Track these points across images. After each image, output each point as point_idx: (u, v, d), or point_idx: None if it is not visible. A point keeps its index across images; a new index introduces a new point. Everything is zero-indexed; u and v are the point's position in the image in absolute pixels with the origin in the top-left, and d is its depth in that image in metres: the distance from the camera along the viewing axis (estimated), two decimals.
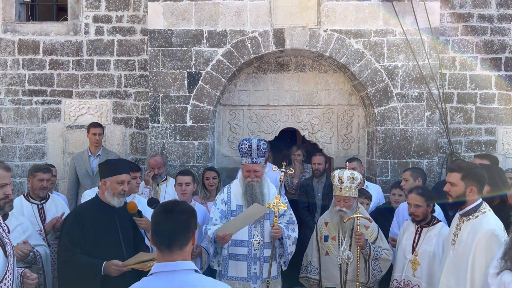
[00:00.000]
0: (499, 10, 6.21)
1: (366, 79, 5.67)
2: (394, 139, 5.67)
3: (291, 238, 3.87)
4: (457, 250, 3.02)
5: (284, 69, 6.15)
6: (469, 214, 3.03)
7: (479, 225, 2.93)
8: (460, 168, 3.05)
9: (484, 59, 6.22)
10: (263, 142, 3.87)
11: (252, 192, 3.76)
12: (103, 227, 3.21)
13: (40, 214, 4.04)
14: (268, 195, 3.84)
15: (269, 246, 3.81)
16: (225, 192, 3.94)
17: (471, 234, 2.94)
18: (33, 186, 4.07)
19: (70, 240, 3.09)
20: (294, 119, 6.24)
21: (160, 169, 4.99)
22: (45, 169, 4.18)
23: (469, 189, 2.99)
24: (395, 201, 4.71)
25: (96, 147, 5.66)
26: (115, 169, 3.32)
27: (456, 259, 3.02)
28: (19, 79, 6.30)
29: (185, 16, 5.64)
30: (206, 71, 5.67)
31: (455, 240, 3.06)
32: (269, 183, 3.98)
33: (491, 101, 6.22)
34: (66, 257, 3.06)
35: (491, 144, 6.23)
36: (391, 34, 5.64)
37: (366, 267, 3.80)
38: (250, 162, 3.80)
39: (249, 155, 3.79)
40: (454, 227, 3.13)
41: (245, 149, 3.80)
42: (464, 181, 3.00)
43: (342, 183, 3.76)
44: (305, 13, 5.64)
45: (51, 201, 4.20)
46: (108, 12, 6.28)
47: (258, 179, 3.79)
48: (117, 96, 6.31)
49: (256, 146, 3.79)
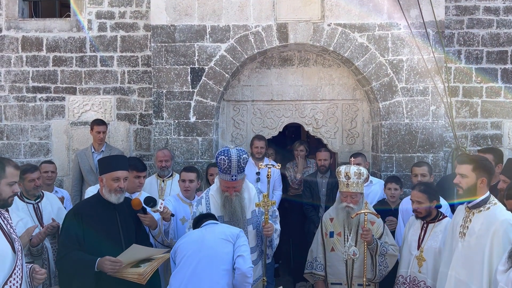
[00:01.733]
0: (505, 3, 6.13)
1: (371, 74, 5.63)
2: (399, 133, 5.64)
3: (277, 232, 3.74)
4: (468, 242, 3.01)
5: (288, 64, 6.12)
6: (480, 206, 3.04)
7: (494, 216, 2.94)
8: (471, 160, 3.10)
9: (490, 52, 6.15)
10: (245, 156, 3.48)
11: (230, 206, 3.51)
12: (103, 223, 3.20)
13: (36, 213, 3.98)
14: (248, 200, 3.61)
15: (253, 250, 3.60)
16: (203, 204, 3.63)
17: (485, 225, 2.94)
18: (26, 188, 3.95)
19: (68, 237, 3.09)
20: (298, 114, 6.21)
21: (168, 162, 4.99)
22: (31, 169, 4.05)
23: (480, 180, 3.03)
24: (391, 195, 4.67)
25: (100, 143, 5.67)
26: (110, 166, 3.28)
27: (468, 251, 3.00)
28: (22, 76, 6.30)
29: (188, 12, 5.61)
30: (209, 66, 5.64)
31: (464, 232, 3.05)
32: (248, 186, 3.70)
33: (497, 94, 6.17)
34: (63, 254, 3.07)
35: (497, 138, 6.18)
36: (396, 28, 5.59)
37: (372, 263, 3.78)
38: (229, 179, 3.46)
39: (228, 172, 3.43)
40: (462, 220, 3.13)
41: (224, 165, 3.41)
42: (476, 172, 3.03)
43: (349, 179, 3.74)
44: (308, 7, 5.59)
45: (46, 200, 4.11)
46: (111, 8, 6.26)
47: (237, 193, 3.51)
48: (121, 92, 6.31)
49: (236, 164, 3.39)
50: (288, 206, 6.19)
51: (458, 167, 3.13)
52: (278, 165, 4.15)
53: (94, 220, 3.17)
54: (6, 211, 2.67)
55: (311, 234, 4.78)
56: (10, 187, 2.56)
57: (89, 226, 3.13)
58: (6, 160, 2.60)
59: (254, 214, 3.66)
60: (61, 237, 3.19)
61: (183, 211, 4.22)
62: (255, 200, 3.67)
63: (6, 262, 2.45)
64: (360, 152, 5.60)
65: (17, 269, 2.48)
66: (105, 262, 2.96)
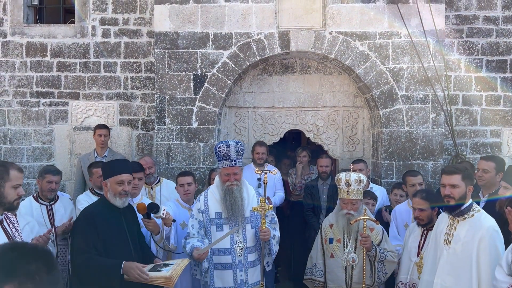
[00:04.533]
0: (505, 12, 6.20)
1: (371, 81, 5.68)
2: (399, 141, 5.68)
3: (276, 238, 3.76)
4: (454, 250, 3.06)
5: (289, 71, 6.18)
6: (464, 213, 3.10)
7: (479, 223, 3.01)
8: (458, 170, 3.15)
9: (489, 61, 6.21)
10: (241, 143, 3.72)
11: (231, 197, 3.59)
12: (113, 227, 3.21)
13: (49, 215, 4.10)
14: (247, 198, 3.70)
15: (252, 250, 3.68)
16: (202, 201, 3.72)
17: (470, 232, 3.00)
18: (42, 187, 4.14)
19: (86, 242, 3.06)
20: (299, 121, 6.26)
21: (151, 169, 4.89)
22: (54, 171, 4.22)
23: (468, 189, 3.10)
24: (397, 201, 4.72)
25: (102, 148, 5.71)
26: (113, 169, 3.28)
27: (454, 258, 3.05)
28: (26, 81, 6.37)
29: (191, 19, 5.68)
30: (211, 73, 5.70)
31: (449, 240, 3.11)
32: (247, 186, 3.82)
33: (496, 103, 6.22)
34: (83, 259, 3.03)
35: (497, 146, 6.23)
36: (396, 36, 5.65)
37: (371, 269, 3.81)
38: (229, 165, 3.60)
39: (227, 158, 3.60)
40: (446, 228, 3.19)
41: (223, 152, 3.60)
42: (465, 181, 3.10)
43: (350, 186, 3.77)
44: (310, 16, 5.66)
45: (60, 202, 4.27)
46: (115, 14, 6.34)
47: (237, 182, 3.63)
48: (124, 98, 6.37)
49: (234, 149, 3.60)
50: (289, 212, 6.22)
51: (447, 178, 3.13)
52: (274, 171, 4.17)
53: (104, 224, 3.17)
54: (13, 215, 2.70)
55: (311, 240, 4.80)
56: (15, 190, 2.58)
57: (101, 230, 3.12)
58: (10, 164, 2.64)
59: (253, 214, 3.69)
60: (75, 241, 3.14)
61: (182, 216, 4.25)
62: (254, 200, 3.72)
63: None
64: (361, 159, 5.63)
65: None
66: (133, 268, 2.93)
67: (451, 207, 3.13)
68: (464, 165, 3.43)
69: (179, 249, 4.03)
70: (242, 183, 3.72)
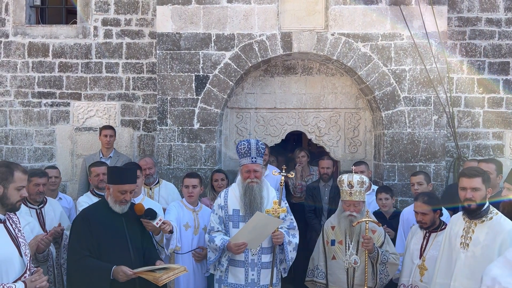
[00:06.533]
0: (507, 14, 6.19)
1: (374, 83, 5.67)
2: (401, 142, 5.67)
3: (292, 244, 3.77)
4: (472, 253, 3.01)
5: (291, 73, 6.17)
6: (481, 216, 3.05)
7: (499, 226, 2.96)
8: (479, 173, 3.12)
9: (491, 63, 6.20)
10: (262, 142, 3.84)
11: (251, 194, 3.65)
12: (111, 230, 3.21)
13: (39, 218, 3.97)
14: (267, 198, 3.75)
15: (266, 251, 3.72)
16: (222, 197, 3.85)
17: (491, 235, 2.96)
18: (29, 191, 3.91)
19: (80, 243, 3.10)
20: (301, 122, 6.25)
21: (151, 169, 4.90)
22: (40, 173, 4.09)
23: (488, 191, 3.07)
24: (383, 205, 4.68)
25: (108, 149, 5.70)
26: (119, 178, 3.29)
27: (473, 261, 3.00)
28: (28, 81, 6.37)
29: (193, 20, 5.68)
30: (213, 74, 5.70)
31: (467, 243, 3.06)
32: (268, 186, 3.89)
33: (498, 105, 6.20)
34: (76, 259, 3.07)
35: (499, 149, 6.21)
36: (399, 38, 5.65)
37: (373, 271, 3.80)
38: (249, 162, 3.73)
39: (248, 155, 3.73)
40: (462, 230, 3.13)
41: (244, 149, 3.74)
42: (485, 184, 3.07)
43: (352, 188, 3.76)
44: (312, 17, 5.66)
45: (49, 205, 4.13)
46: (117, 15, 6.34)
47: (257, 180, 3.71)
48: (125, 98, 6.36)
49: (255, 146, 3.73)
50: None
51: (468, 181, 3.07)
52: (291, 174, 4.13)
53: (102, 226, 3.18)
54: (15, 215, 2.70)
55: (313, 241, 4.79)
56: (18, 191, 2.58)
57: (98, 232, 3.14)
58: (15, 165, 2.63)
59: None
60: (70, 242, 3.20)
61: (187, 217, 4.25)
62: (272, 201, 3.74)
63: (13, 265, 2.48)
64: (363, 161, 5.63)
65: (28, 273, 2.52)
66: (120, 274, 2.99)
67: (472, 210, 3.07)
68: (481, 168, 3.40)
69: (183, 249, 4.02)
70: (263, 183, 3.80)
